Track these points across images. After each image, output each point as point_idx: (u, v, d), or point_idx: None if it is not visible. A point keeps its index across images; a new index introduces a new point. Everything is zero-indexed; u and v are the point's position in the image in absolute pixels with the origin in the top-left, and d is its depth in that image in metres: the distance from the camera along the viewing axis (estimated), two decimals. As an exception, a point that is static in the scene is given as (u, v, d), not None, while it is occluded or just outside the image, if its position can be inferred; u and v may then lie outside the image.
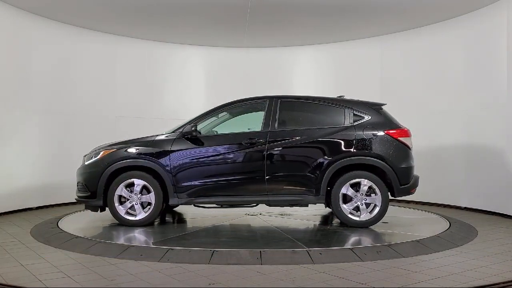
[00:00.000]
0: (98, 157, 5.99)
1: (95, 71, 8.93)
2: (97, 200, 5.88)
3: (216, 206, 6.15)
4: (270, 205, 5.95)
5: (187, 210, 7.29)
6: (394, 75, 9.05)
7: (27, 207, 7.75)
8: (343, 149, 5.72)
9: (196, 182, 5.80)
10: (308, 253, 4.43)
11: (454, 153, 8.00)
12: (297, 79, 10.09)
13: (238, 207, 6.28)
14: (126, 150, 5.94)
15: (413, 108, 8.65)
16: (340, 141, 5.74)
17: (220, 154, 5.84)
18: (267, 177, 5.73)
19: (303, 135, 5.79)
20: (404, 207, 7.93)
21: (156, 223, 6.14)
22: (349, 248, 4.59)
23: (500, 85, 7.14)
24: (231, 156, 5.83)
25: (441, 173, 8.22)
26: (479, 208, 7.56)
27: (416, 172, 6.08)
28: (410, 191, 5.83)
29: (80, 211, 7.38)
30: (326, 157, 5.70)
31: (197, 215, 6.93)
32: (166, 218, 6.69)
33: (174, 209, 7.31)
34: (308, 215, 6.79)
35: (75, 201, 6.29)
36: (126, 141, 6.12)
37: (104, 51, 9.05)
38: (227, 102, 6.23)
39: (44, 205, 8.04)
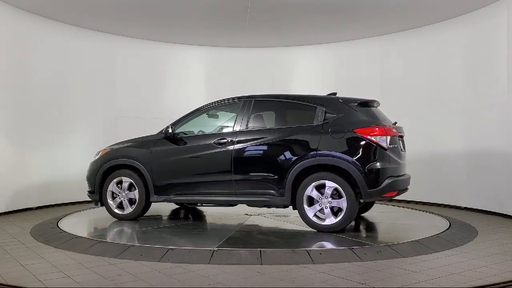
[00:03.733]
0: (97, 156, 6.58)
1: (95, 71, 8.93)
2: (95, 195, 6.44)
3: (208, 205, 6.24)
4: (250, 206, 5.93)
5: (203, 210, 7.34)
6: (394, 75, 9.06)
7: (27, 207, 7.75)
8: (307, 149, 5.41)
9: (171, 181, 6.03)
10: (308, 253, 4.43)
11: (454, 153, 8.00)
12: (297, 79, 10.09)
13: (218, 206, 6.34)
14: (118, 150, 6.46)
15: (413, 107, 8.65)
16: (305, 141, 5.45)
17: (193, 154, 5.95)
18: (234, 177, 5.71)
19: (268, 135, 5.64)
20: (404, 207, 7.93)
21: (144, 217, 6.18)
22: (349, 248, 4.59)
23: (500, 85, 7.14)
24: (203, 156, 5.90)
25: (441, 173, 8.22)
26: (479, 208, 7.56)
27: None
28: (382, 195, 5.28)
29: (80, 211, 7.39)
30: (290, 157, 5.46)
31: (199, 214, 6.94)
32: (190, 215, 6.91)
33: (196, 207, 7.35)
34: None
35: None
36: (122, 141, 6.60)
37: (104, 51, 9.05)
38: (206, 103, 6.35)
39: (44, 205, 8.04)
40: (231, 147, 5.74)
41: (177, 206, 7.46)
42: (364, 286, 3.62)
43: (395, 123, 5.88)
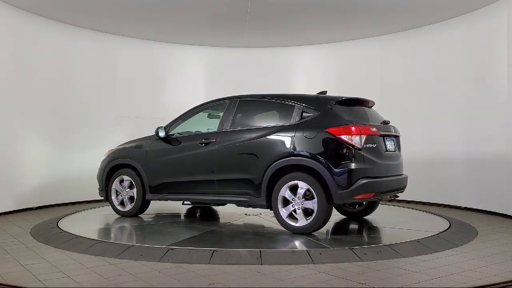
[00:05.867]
0: (105, 156, 6.93)
1: (95, 71, 8.93)
2: (102, 192, 6.81)
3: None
4: (238, 206, 5.90)
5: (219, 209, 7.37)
6: (394, 75, 9.06)
7: (27, 207, 7.75)
8: (282, 149, 5.32)
9: (163, 180, 6.24)
10: (308, 253, 4.43)
11: (454, 153, 8.00)
12: (297, 79, 10.09)
13: (207, 205, 6.57)
14: (121, 150, 6.76)
15: (413, 108, 8.66)
16: (280, 141, 5.36)
17: (181, 154, 6.10)
18: (216, 177, 5.76)
19: (246, 135, 5.63)
20: (404, 207, 7.93)
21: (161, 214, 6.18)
22: (349, 248, 4.58)
23: (500, 85, 7.14)
24: (189, 156, 6.02)
25: (441, 173, 8.22)
26: (479, 208, 7.56)
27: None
28: (354, 196, 5.05)
29: (80, 211, 7.39)
30: (266, 158, 5.40)
31: (197, 214, 6.94)
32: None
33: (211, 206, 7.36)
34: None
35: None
36: (128, 141, 6.87)
37: (104, 51, 9.05)
38: (198, 104, 6.48)
39: (44, 205, 8.04)
40: (213, 148, 5.80)
41: (191, 205, 7.38)
42: (364, 286, 3.62)
43: (385, 122, 5.72)
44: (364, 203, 6.24)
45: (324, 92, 5.97)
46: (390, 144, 5.61)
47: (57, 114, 8.31)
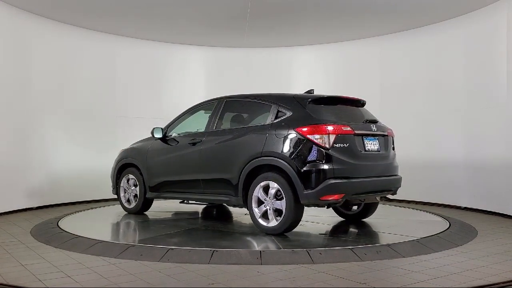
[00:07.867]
0: (118, 155, 7.19)
1: (95, 71, 8.93)
2: (114, 190, 7.15)
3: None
4: (229, 205, 5.95)
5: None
6: (394, 75, 9.06)
7: (27, 207, 7.75)
8: (255, 149, 5.31)
9: (159, 179, 6.43)
10: (308, 253, 4.42)
11: (454, 153, 8.00)
12: (297, 79, 10.08)
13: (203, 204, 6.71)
14: (129, 150, 6.99)
15: (413, 107, 8.65)
16: (254, 141, 5.37)
17: (173, 154, 6.26)
18: (201, 177, 5.87)
19: (226, 136, 5.72)
20: (404, 207, 7.93)
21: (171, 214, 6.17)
22: (349, 248, 4.59)
23: (500, 85, 7.14)
24: (179, 156, 6.17)
25: (441, 173, 8.21)
26: (479, 208, 7.56)
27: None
28: (320, 197, 4.91)
29: (80, 211, 7.40)
30: (242, 158, 5.41)
31: (195, 213, 6.94)
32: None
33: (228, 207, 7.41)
34: (307, 215, 6.76)
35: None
36: (137, 141, 7.08)
37: (104, 51, 9.05)
38: (194, 105, 6.61)
39: (44, 205, 8.04)
40: (199, 148, 5.90)
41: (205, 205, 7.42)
42: (364, 286, 3.62)
43: (367, 121, 5.52)
44: (362, 202, 6.14)
45: (311, 91, 5.91)
46: (371, 144, 5.41)
47: (56, 114, 8.31)
